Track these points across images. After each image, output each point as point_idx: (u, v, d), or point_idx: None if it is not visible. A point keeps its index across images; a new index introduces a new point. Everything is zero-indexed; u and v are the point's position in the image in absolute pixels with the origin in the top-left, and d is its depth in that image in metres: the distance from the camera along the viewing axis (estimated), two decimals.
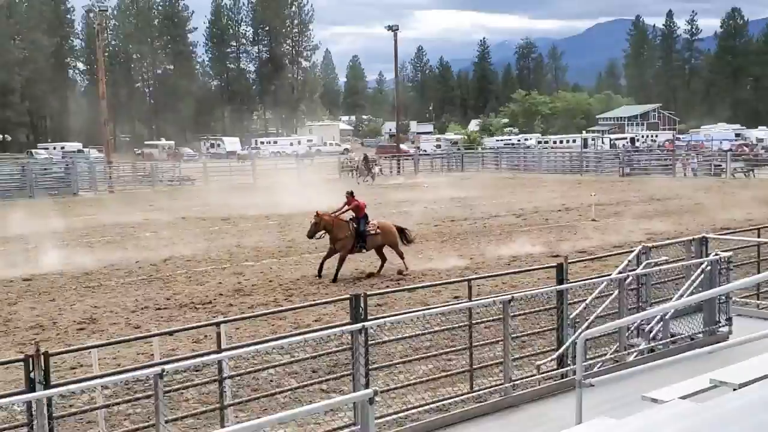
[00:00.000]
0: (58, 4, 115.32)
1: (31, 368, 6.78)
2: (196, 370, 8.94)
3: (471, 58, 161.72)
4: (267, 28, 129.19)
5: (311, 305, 13.59)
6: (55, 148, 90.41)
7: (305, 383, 9.86)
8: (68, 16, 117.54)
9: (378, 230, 19.73)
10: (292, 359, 10.30)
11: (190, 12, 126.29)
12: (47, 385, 6.82)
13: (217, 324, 8.89)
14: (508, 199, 39.58)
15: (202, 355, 8.73)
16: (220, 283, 19.44)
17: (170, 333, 11.09)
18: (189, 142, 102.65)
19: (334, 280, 19.05)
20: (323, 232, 19.54)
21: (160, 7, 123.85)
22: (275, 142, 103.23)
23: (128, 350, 11.84)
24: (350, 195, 20.20)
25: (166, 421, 7.17)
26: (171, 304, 17.13)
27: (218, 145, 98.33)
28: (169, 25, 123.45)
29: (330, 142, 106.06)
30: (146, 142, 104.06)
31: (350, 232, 19.33)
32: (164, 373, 7.20)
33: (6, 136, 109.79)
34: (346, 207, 19.85)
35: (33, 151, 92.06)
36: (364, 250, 19.80)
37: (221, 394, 8.28)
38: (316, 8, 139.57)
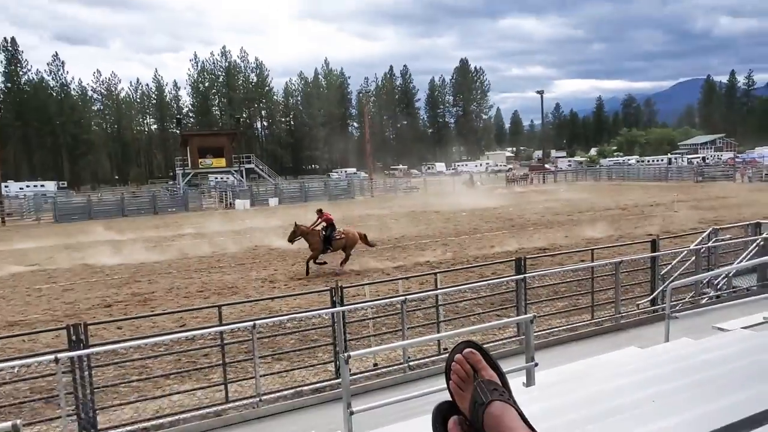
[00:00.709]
0: (342, 89, 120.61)
1: (333, 295, 7.23)
2: (421, 300, 9.13)
3: (591, 108, 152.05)
4: (461, 96, 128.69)
5: (490, 264, 13.45)
6: (341, 172, 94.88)
7: (486, 311, 9.81)
8: (348, 96, 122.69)
9: (342, 235, 16.23)
10: (478, 296, 10.29)
11: (416, 90, 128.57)
12: (341, 304, 7.24)
13: (435, 273, 9.03)
14: (617, 198, 37.03)
15: (425, 291, 8.92)
16: (434, 249, 19.61)
17: (406, 278, 11.37)
18: (415, 166, 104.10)
19: (307, 273, 15.83)
20: (299, 238, 16.10)
21: (398, 88, 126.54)
22: (466, 165, 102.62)
23: (384, 287, 12.27)
24: (320, 212, 16.56)
25: (407, 328, 7.41)
26: (408, 262, 17.47)
27: (432, 167, 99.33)
28: (403, 98, 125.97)
29: (499, 164, 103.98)
30: (391, 167, 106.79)
31: (320, 238, 16.00)
32: (405, 300, 7.44)
33: (315, 165, 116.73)
34: (320, 220, 16.32)
35: (329, 173, 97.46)
36: (330, 251, 16.15)
37: (437, 314, 8.42)
38: (492, 82, 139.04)
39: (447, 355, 1.21)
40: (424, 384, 6.53)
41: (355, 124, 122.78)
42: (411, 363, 7.39)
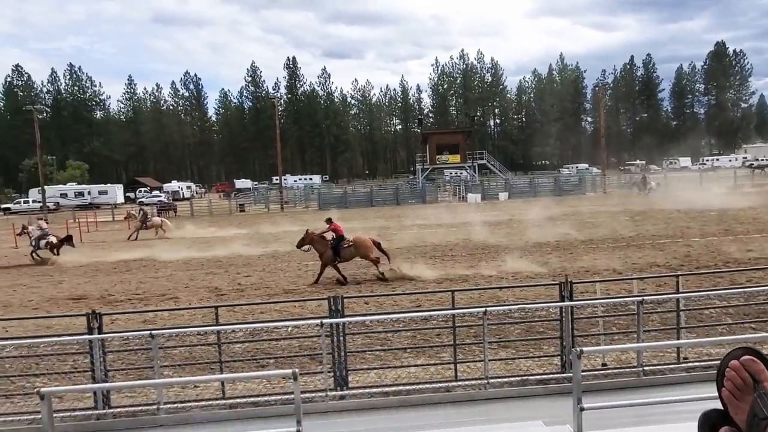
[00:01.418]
0: (577, 83, 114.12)
1: (563, 289, 6.87)
2: (658, 303, 8.14)
3: None
4: (715, 84, 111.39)
5: (744, 270, 11.49)
6: (572, 168, 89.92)
7: (737, 322, 8.39)
8: (582, 90, 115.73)
9: (351, 244, 14.63)
10: (729, 305, 8.88)
11: (660, 79, 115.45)
12: (570, 299, 6.85)
13: (676, 276, 8.03)
14: None
15: (665, 294, 8.01)
16: (675, 250, 17.14)
17: (641, 278, 10.30)
18: (655, 161, 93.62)
19: (315, 282, 14.51)
20: (308, 246, 14.88)
21: (639, 79, 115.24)
22: (717, 160, 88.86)
23: (615, 286, 11.30)
24: (329, 221, 15.21)
25: (643, 331, 6.73)
26: (642, 262, 15.56)
27: (675, 162, 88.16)
28: (644, 89, 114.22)
29: (760, 158, 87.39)
30: (626, 162, 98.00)
31: (328, 246, 14.58)
32: (642, 301, 6.75)
33: (546, 161, 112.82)
34: (328, 228, 14.81)
35: (560, 169, 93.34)
36: (339, 261, 14.61)
37: (677, 320, 7.47)
38: (755, 65, 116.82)
39: (686, 364, 1.08)
40: (659, 391, 5.89)
41: (589, 119, 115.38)
42: (645, 368, 6.71)
